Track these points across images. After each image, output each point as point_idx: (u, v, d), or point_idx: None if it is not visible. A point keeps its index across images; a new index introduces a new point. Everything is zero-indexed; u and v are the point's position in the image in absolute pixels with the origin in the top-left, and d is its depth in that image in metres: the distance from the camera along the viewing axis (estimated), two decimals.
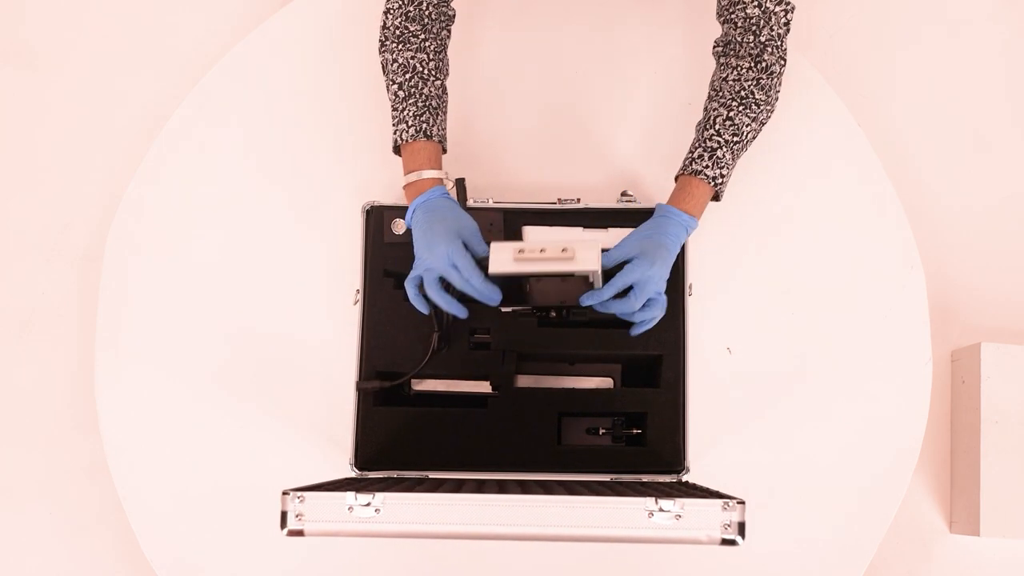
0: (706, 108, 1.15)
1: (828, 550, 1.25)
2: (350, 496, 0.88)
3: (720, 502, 0.87)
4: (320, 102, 1.36)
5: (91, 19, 1.55)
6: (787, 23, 1.12)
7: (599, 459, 1.16)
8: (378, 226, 1.19)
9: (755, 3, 1.11)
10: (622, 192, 1.22)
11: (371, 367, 1.16)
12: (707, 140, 1.12)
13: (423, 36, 1.13)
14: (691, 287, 1.18)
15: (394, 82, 1.13)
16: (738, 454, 1.26)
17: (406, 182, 1.11)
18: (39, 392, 1.44)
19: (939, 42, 1.56)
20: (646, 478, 1.13)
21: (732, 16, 1.13)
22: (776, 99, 1.15)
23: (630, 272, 1.03)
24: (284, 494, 0.88)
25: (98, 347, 1.29)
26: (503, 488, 0.97)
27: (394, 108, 1.13)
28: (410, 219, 1.09)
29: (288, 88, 1.37)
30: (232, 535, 1.25)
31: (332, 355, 1.26)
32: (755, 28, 1.12)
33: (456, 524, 0.88)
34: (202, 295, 1.30)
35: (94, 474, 1.40)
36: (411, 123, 1.11)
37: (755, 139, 1.15)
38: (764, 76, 1.12)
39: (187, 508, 1.25)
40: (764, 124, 1.15)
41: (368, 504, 0.88)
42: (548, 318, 1.12)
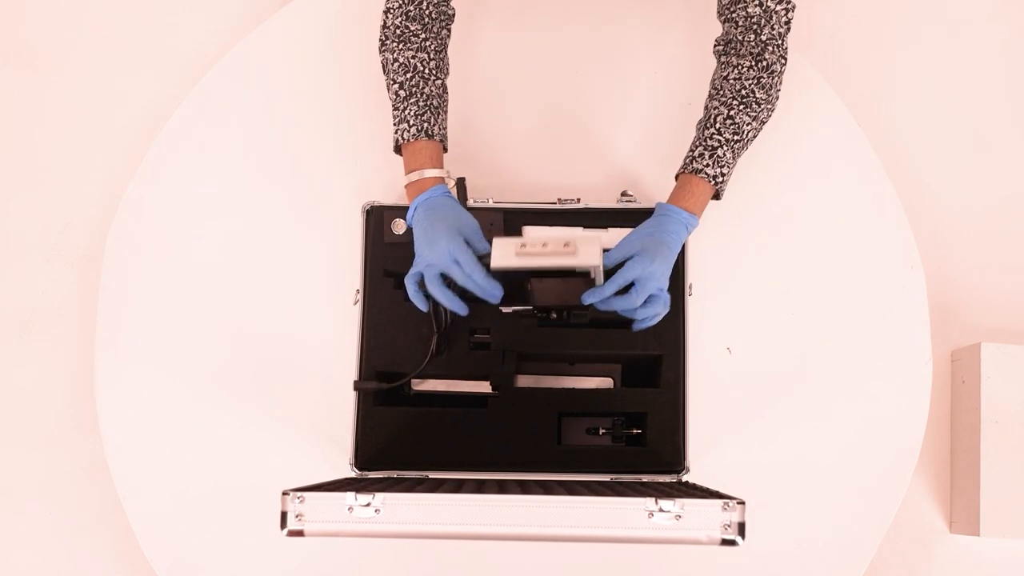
0: (707, 107, 1.15)
1: (828, 550, 1.25)
2: (350, 496, 0.88)
3: (720, 502, 0.87)
4: (320, 102, 1.36)
5: (91, 19, 1.55)
6: (788, 22, 1.12)
7: (599, 459, 1.16)
8: (378, 226, 1.19)
9: (756, 2, 1.11)
10: (622, 192, 1.22)
11: (371, 367, 1.16)
12: (708, 139, 1.12)
13: (424, 35, 1.13)
14: (691, 287, 1.18)
15: (395, 81, 1.13)
16: (738, 454, 1.26)
17: (407, 181, 1.10)
18: (39, 392, 1.44)
19: (939, 42, 1.56)
20: (646, 478, 1.13)
21: (733, 15, 1.13)
22: (777, 98, 1.15)
23: (631, 269, 1.03)
24: (284, 494, 0.88)
25: (98, 347, 1.29)
26: (503, 488, 0.97)
27: (395, 107, 1.13)
28: (411, 217, 1.09)
29: (288, 88, 1.37)
30: (232, 535, 1.25)
31: (332, 355, 1.26)
32: (756, 27, 1.12)
33: (456, 524, 0.88)
34: (202, 295, 1.30)
35: (94, 474, 1.40)
36: (412, 122, 1.11)
37: (756, 138, 1.15)
38: (765, 75, 1.12)
39: (187, 508, 1.25)
40: (765, 123, 1.15)
41: (368, 504, 0.88)
42: (549, 319, 1.13)
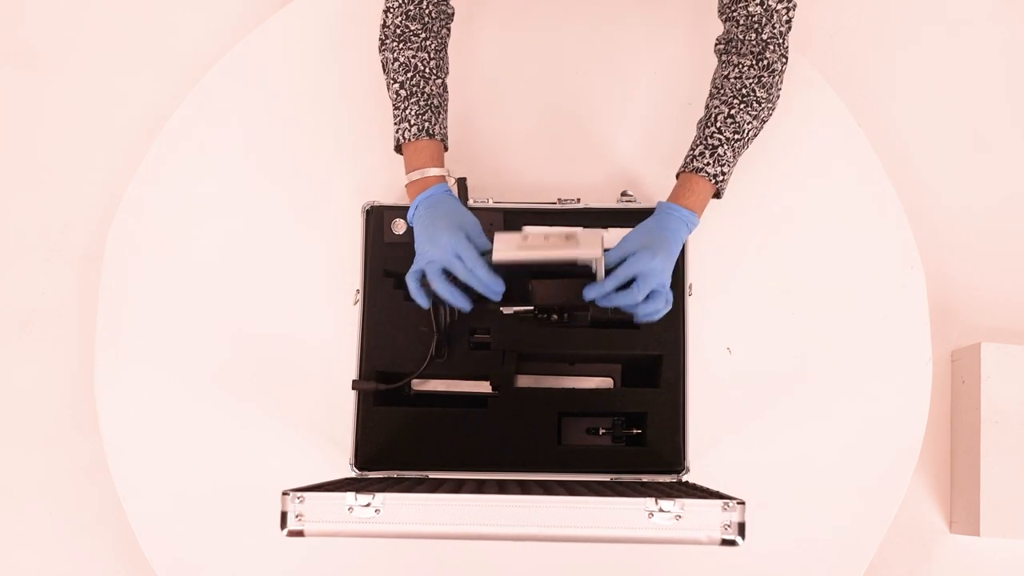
0: (707, 105, 1.15)
1: (828, 550, 1.25)
2: (350, 496, 0.88)
3: (720, 502, 0.87)
4: (320, 102, 1.36)
5: (91, 19, 1.55)
6: (789, 20, 1.12)
7: (599, 459, 1.15)
8: (378, 226, 1.19)
9: (757, 1, 1.11)
10: (622, 192, 1.22)
11: (371, 367, 1.16)
12: (708, 137, 1.12)
13: (424, 35, 1.13)
14: (691, 287, 1.18)
15: (395, 81, 1.13)
16: (738, 454, 1.26)
17: (408, 180, 1.11)
18: (39, 392, 1.44)
19: (939, 42, 1.55)
20: (646, 478, 1.13)
21: (734, 14, 1.13)
22: (778, 96, 1.15)
23: (632, 264, 1.03)
24: (284, 494, 0.88)
25: (98, 347, 1.29)
26: (503, 488, 0.97)
27: (395, 107, 1.13)
28: (412, 214, 1.09)
29: (288, 88, 1.37)
30: (232, 535, 1.25)
31: (332, 355, 1.25)
32: (757, 26, 1.12)
33: (456, 524, 0.88)
34: (202, 295, 1.30)
35: (94, 474, 1.40)
36: (413, 122, 1.11)
37: (756, 136, 1.15)
38: (765, 74, 1.12)
39: (187, 508, 1.25)
40: (766, 122, 1.15)
41: (368, 504, 0.88)
42: (549, 320, 1.12)
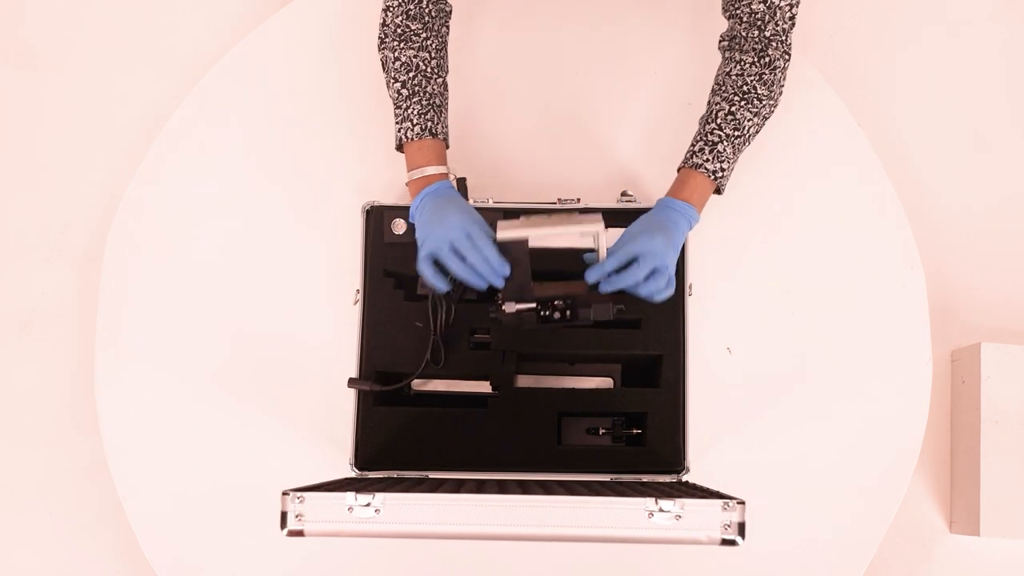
0: (709, 102, 1.15)
1: (828, 550, 1.25)
2: (350, 496, 0.88)
3: (720, 502, 0.87)
4: (320, 102, 1.36)
5: (91, 19, 1.55)
6: (792, 17, 1.12)
7: (599, 459, 1.15)
8: (378, 226, 1.19)
9: None
10: (622, 192, 1.22)
11: (371, 367, 1.16)
12: (708, 134, 1.12)
13: (425, 35, 1.13)
14: (691, 287, 1.18)
15: (396, 80, 1.12)
16: (738, 454, 1.26)
17: (410, 178, 1.11)
18: (39, 392, 1.44)
19: (939, 42, 1.55)
20: (646, 478, 1.13)
21: (737, 11, 1.13)
22: (780, 94, 1.15)
23: (632, 244, 1.04)
24: (284, 494, 0.88)
25: (98, 347, 1.29)
26: (503, 488, 0.97)
27: (397, 106, 1.13)
28: (416, 206, 1.09)
29: (288, 88, 1.37)
30: (232, 535, 1.25)
31: (332, 355, 1.25)
32: (760, 23, 1.12)
33: (456, 524, 0.88)
34: (202, 295, 1.30)
35: (94, 474, 1.40)
36: (416, 121, 1.11)
37: (757, 133, 1.15)
38: (767, 71, 1.12)
39: (187, 508, 1.25)
40: (767, 119, 1.15)
41: (368, 504, 0.88)
42: (552, 318, 1.12)
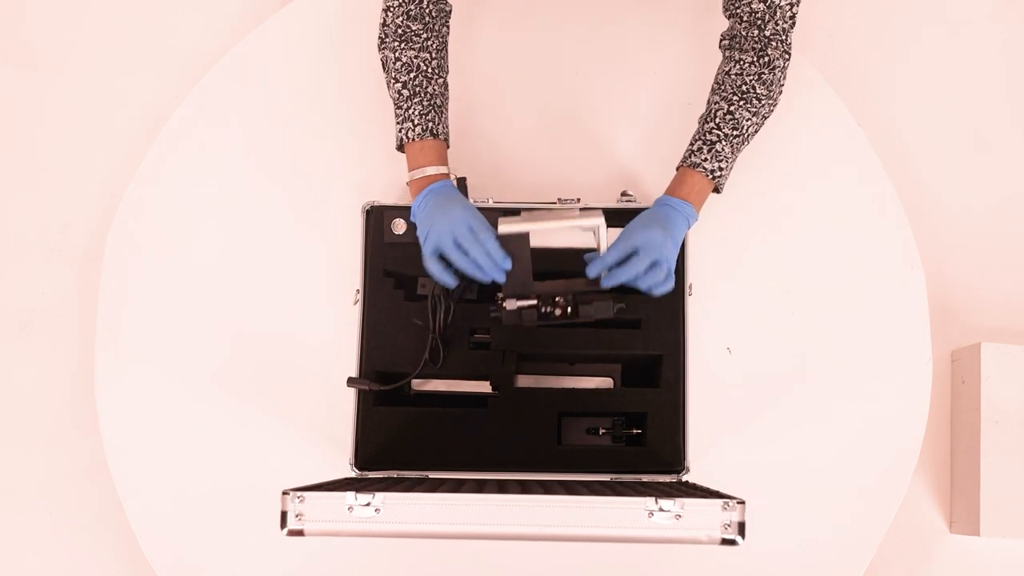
0: (708, 101, 1.15)
1: (828, 550, 1.25)
2: (350, 496, 0.88)
3: (720, 502, 0.87)
4: (320, 102, 1.36)
5: (91, 19, 1.55)
6: (792, 17, 1.12)
7: (599, 459, 1.15)
8: (378, 226, 1.19)
9: None
10: (622, 192, 1.22)
11: (371, 367, 1.16)
12: (707, 133, 1.12)
13: (425, 35, 1.13)
14: (691, 287, 1.18)
15: (397, 80, 1.12)
16: (738, 454, 1.26)
17: (411, 177, 1.11)
18: (39, 392, 1.44)
19: (939, 42, 1.55)
20: (646, 478, 1.13)
21: (737, 10, 1.13)
22: (779, 93, 1.15)
23: (631, 237, 1.05)
24: (284, 494, 0.88)
25: (98, 347, 1.29)
26: (503, 488, 0.97)
27: (398, 106, 1.13)
28: (418, 204, 1.09)
29: (288, 88, 1.37)
30: (232, 535, 1.25)
31: (332, 355, 1.25)
32: (760, 22, 1.12)
33: (456, 524, 0.88)
34: (202, 295, 1.30)
35: (94, 474, 1.39)
36: (417, 121, 1.11)
37: (757, 133, 1.15)
38: (766, 71, 1.12)
39: (187, 508, 1.25)
40: (766, 118, 1.15)
41: (368, 504, 0.88)
42: (554, 315, 1.12)
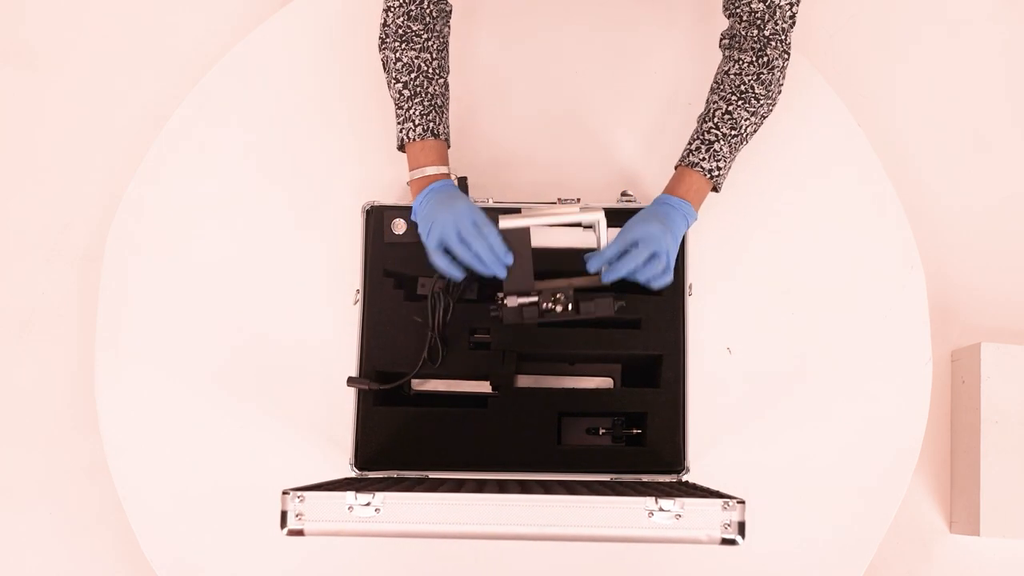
0: (707, 100, 1.15)
1: (828, 550, 1.25)
2: (350, 496, 0.88)
3: (720, 502, 0.87)
4: (320, 102, 1.36)
5: (91, 19, 1.55)
6: (792, 16, 1.12)
7: (599, 459, 1.16)
8: (378, 226, 1.19)
9: None
10: (622, 192, 1.22)
11: (371, 367, 1.16)
12: (705, 133, 1.12)
13: (426, 35, 1.13)
14: (691, 287, 1.18)
15: (398, 80, 1.12)
16: (738, 454, 1.26)
17: (412, 177, 1.11)
18: (39, 392, 1.44)
19: (939, 42, 1.55)
20: (646, 478, 1.13)
21: (737, 10, 1.13)
22: (778, 93, 1.15)
23: (631, 231, 1.05)
24: (284, 494, 0.88)
25: (98, 347, 1.29)
26: (503, 488, 0.97)
27: (399, 106, 1.13)
28: (419, 202, 1.09)
29: (288, 88, 1.37)
30: (232, 535, 1.25)
31: (332, 355, 1.25)
32: (759, 22, 1.12)
33: (456, 524, 0.88)
34: (202, 295, 1.30)
35: (94, 474, 1.39)
36: (418, 122, 1.11)
37: (756, 132, 1.15)
38: (765, 71, 1.12)
39: (187, 508, 1.25)
40: (765, 118, 1.15)
41: (368, 504, 0.88)
42: (553, 312, 1.12)
